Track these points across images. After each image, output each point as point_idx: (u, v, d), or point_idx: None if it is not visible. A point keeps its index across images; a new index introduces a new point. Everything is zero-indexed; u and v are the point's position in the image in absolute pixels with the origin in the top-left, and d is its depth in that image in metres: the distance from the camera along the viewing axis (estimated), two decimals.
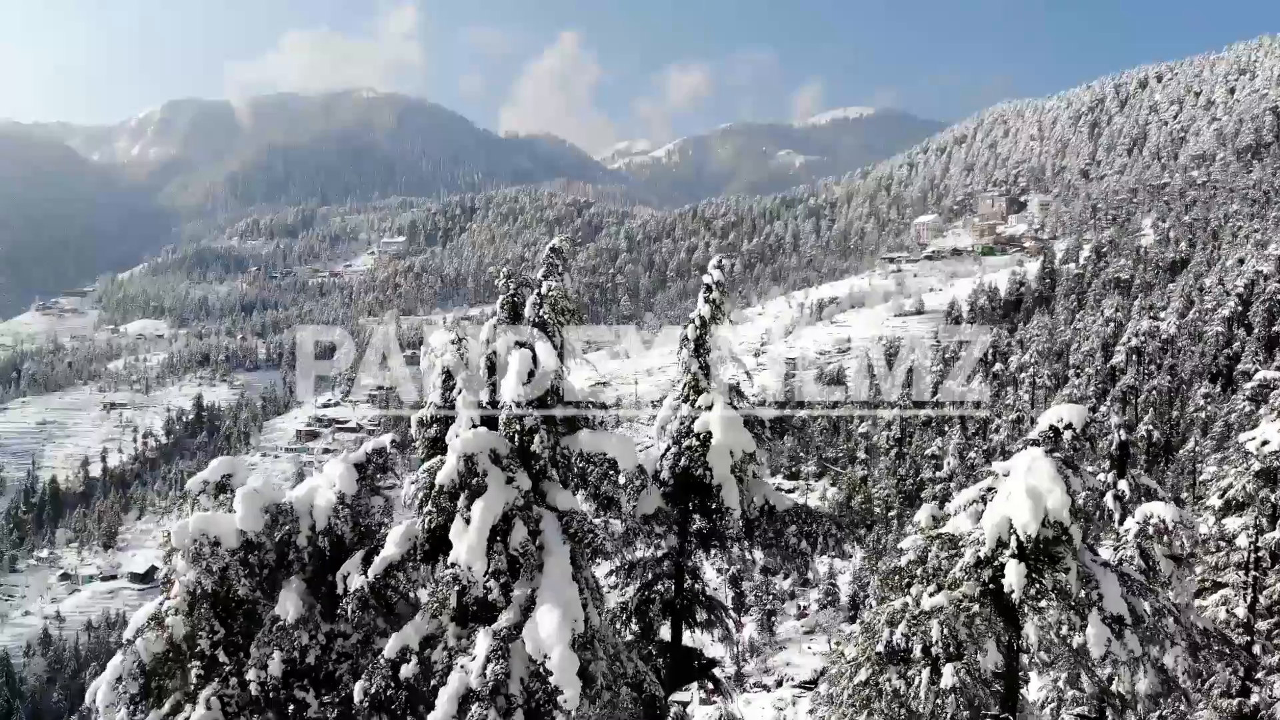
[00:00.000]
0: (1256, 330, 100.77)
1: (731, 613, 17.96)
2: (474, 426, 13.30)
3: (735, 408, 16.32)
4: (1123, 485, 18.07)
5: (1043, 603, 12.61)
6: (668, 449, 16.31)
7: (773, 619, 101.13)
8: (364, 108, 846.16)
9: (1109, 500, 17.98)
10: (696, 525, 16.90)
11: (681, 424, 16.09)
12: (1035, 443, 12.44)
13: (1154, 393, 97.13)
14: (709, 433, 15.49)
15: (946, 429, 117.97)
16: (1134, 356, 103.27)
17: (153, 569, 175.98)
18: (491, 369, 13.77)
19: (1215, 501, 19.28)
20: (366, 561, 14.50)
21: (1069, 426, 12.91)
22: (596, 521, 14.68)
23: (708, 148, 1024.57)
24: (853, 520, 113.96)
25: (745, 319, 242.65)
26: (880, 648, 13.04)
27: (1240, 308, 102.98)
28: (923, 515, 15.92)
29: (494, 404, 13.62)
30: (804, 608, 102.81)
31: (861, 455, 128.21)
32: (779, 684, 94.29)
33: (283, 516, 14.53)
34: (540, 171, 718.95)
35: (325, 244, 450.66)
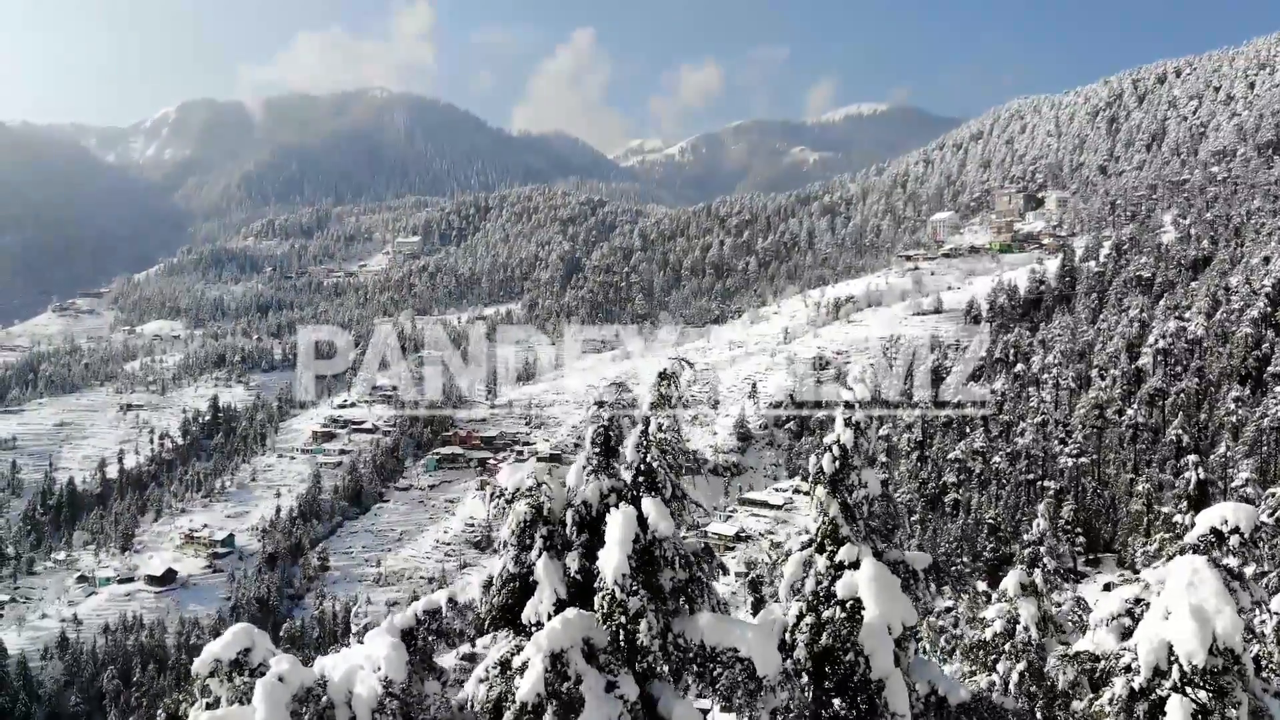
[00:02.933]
0: None
1: None
2: (558, 602, 10.80)
3: (882, 555, 12.93)
4: None
5: None
6: (800, 618, 12.81)
7: None
8: (377, 108, 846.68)
9: (1189, 540, 16.83)
10: None
11: (818, 584, 12.77)
12: (1194, 548, 10.87)
13: (1182, 395, 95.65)
14: (858, 601, 12.21)
15: (969, 430, 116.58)
16: (1161, 358, 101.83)
17: (170, 572, 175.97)
18: (581, 525, 11.28)
19: None
20: None
21: (1235, 530, 11.15)
22: None
23: (721, 145, 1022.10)
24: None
25: (761, 318, 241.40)
26: (921, 567, 11.73)
27: (1269, 307, 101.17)
28: (1010, 583, 14.68)
29: (585, 571, 11.03)
30: None
31: (882, 458, 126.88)
32: None
33: (312, 705, 11.55)
34: (553, 170, 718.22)
35: (340, 244, 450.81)
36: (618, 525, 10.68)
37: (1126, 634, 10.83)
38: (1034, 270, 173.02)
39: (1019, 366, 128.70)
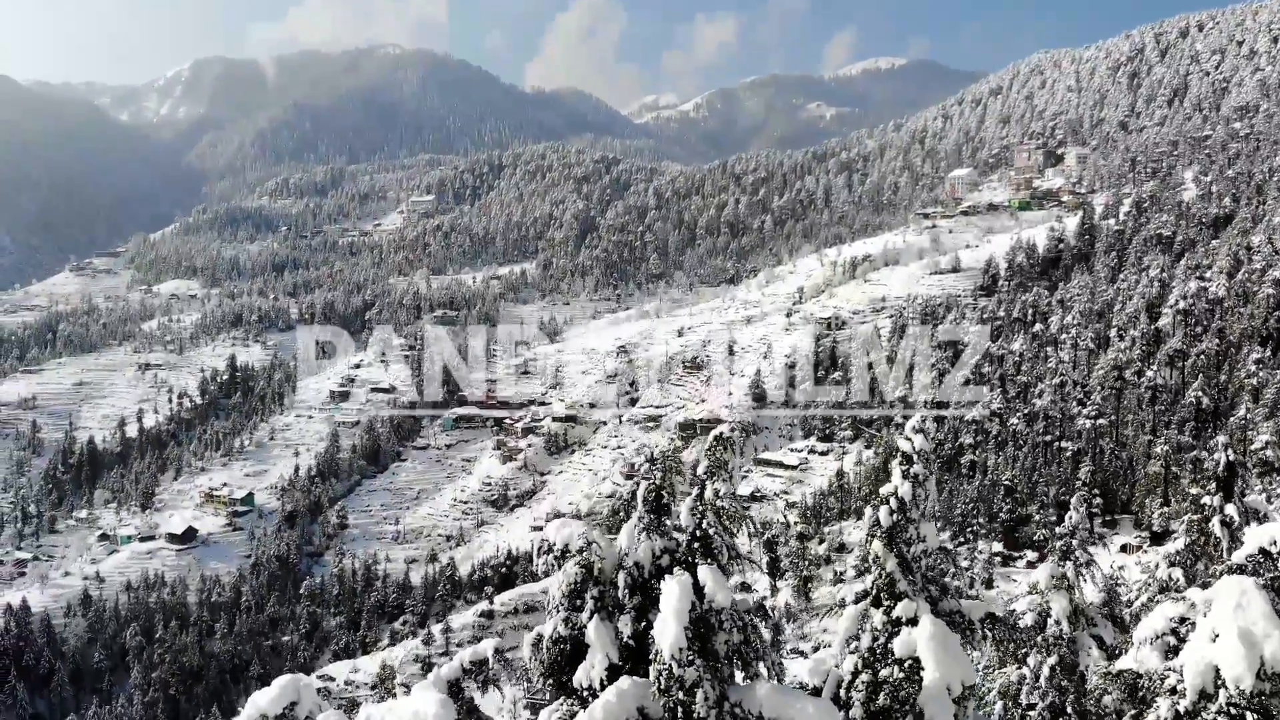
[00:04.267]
0: None
1: None
2: (610, 667, 10.56)
3: (938, 605, 12.34)
4: (1230, 510, 16.71)
5: None
6: (855, 675, 12.30)
7: (809, 585, 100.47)
8: (389, 65, 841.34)
9: (1215, 526, 16.68)
10: None
11: (874, 640, 12.17)
12: (1242, 569, 10.67)
13: (1202, 357, 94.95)
14: (916, 661, 11.65)
15: (987, 390, 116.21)
16: (1181, 319, 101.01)
17: (191, 530, 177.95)
18: (634, 588, 11.00)
19: None
20: None
21: None
22: None
23: (736, 100, 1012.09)
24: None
25: (776, 278, 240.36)
26: (978, 617, 11.58)
27: None
28: (1042, 575, 14.52)
29: (638, 636, 10.78)
30: (840, 573, 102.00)
31: (898, 419, 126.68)
32: (815, 650, 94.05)
33: None
34: (567, 127, 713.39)
35: (354, 203, 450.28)
36: (674, 597, 10.40)
37: (1170, 652, 10.63)
38: (1053, 228, 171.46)
39: (1037, 326, 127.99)
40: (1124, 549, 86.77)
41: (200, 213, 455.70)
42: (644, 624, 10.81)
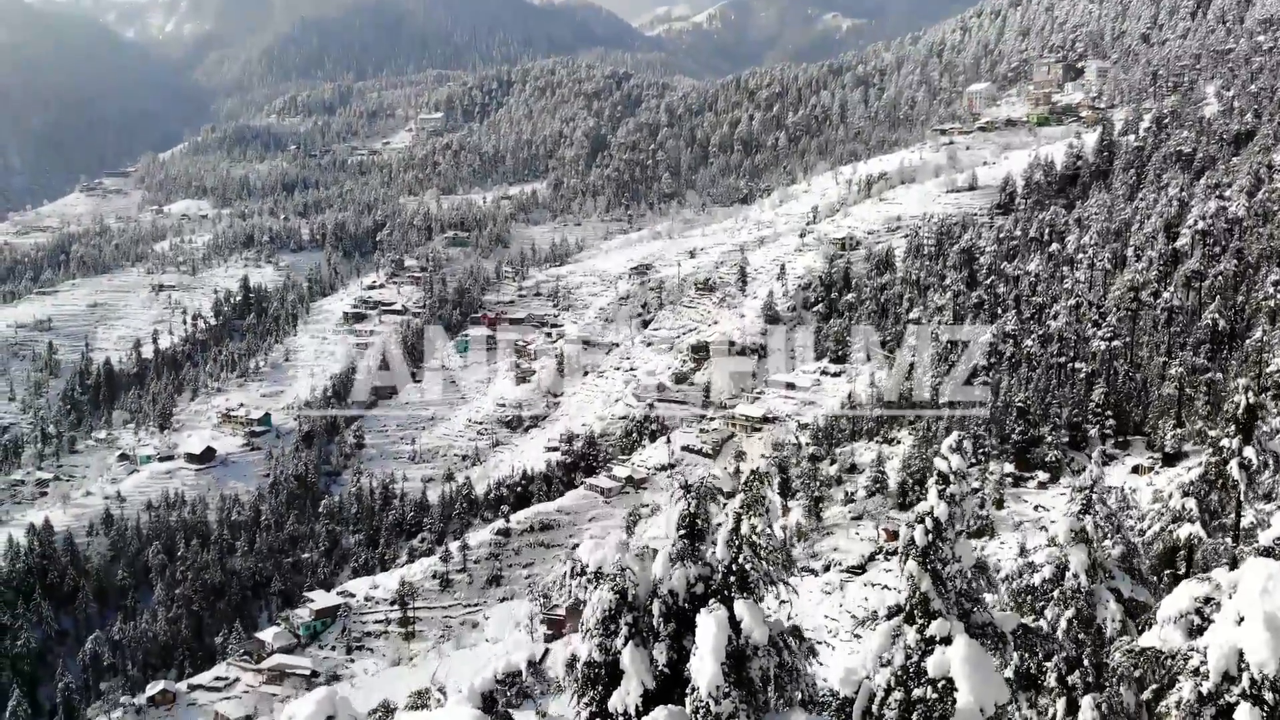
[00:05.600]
0: None
1: None
2: (645, 694, 10.49)
3: (970, 617, 12.02)
4: (1249, 452, 16.60)
5: None
6: (888, 692, 12.11)
7: (820, 505, 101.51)
8: None
9: (1233, 469, 16.60)
10: None
11: (907, 658, 11.96)
12: (1268, 552, 10.59)
13: (1219, 278, 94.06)
14: (950, 681, 11.45)
15: (1000, 313, 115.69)
16: (1199, 239, 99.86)
17: (209, 450, 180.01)
18: (668, 616, 10.89)
19: None
20: None
21: None
22: None
23: (750, 11, 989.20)
24: (899, 405, 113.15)
25: (790, 197, 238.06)
26: (1009, 672, 11.65)
27: None
28: (1060, 530, 14.49)
29: (673, 664, 10.65)
30: (851, 494, 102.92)
31: (911, 341, 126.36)
32: (826, 568, 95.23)
33: None
34: (577, 41, 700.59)
35: (363, 120, 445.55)
36: (710, 635, 10.32)
37: (1193, 632, 10.61)
38: (1071, 145, 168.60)
39: (1054, 246, 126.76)
40: (1136, 470, 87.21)
41: (209, 132, 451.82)
42: (679, 652, 10.76)
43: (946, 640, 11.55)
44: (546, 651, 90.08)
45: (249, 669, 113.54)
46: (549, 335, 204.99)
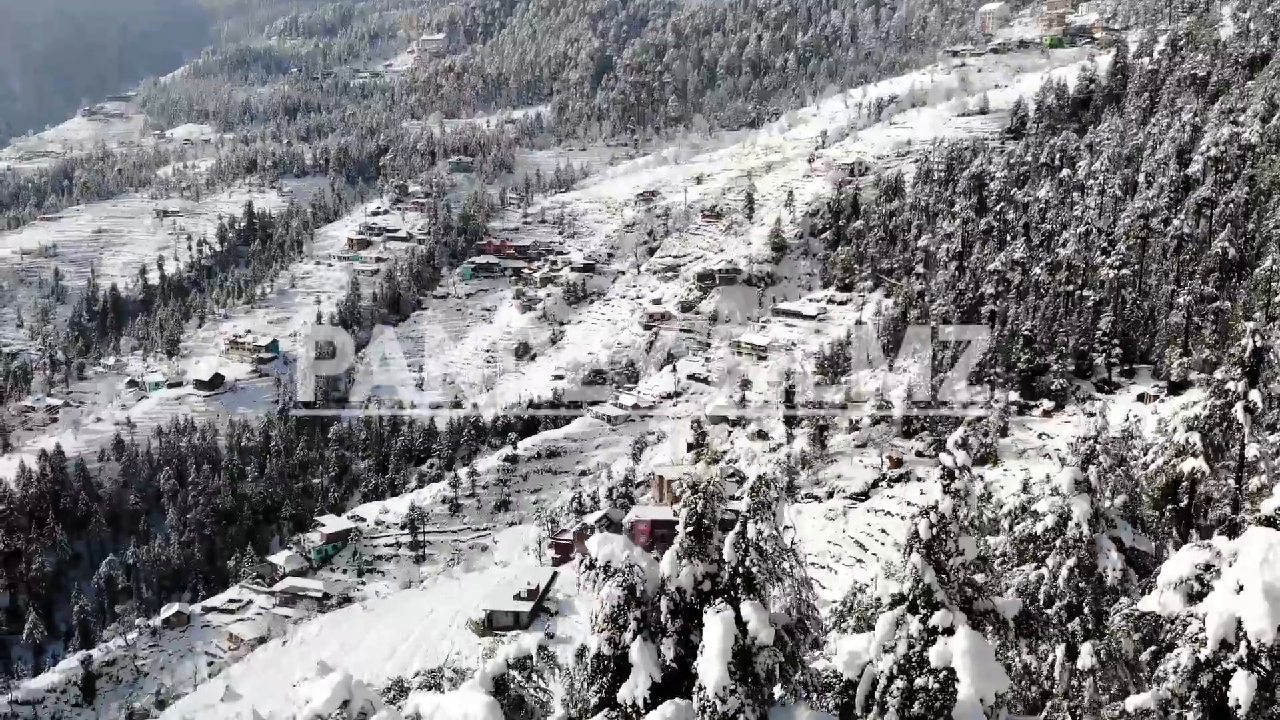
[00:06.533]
0: None
1: None
2: (653, 686, 10.82)
3: (972, 605, 12.25)
4: (1255, 396, 16.55)
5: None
6: (891, 680, 12.30)
7: (825, 433, 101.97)
8: None
9: (1238, 412, 16.58)
10: None
11: (910, 648, 12.17)
12: (1270, 521, 10.56)
13: (1231, 205, 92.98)
14: (951, 672, 11.71)
15: (1010, 239, 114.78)
16: (1212, 165, 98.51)
17: (218, 376, 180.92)
18: (675, 613, 11.18)
19: None
20: None
21: None
22: None
23: None
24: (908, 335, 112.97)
25: (799, 120, 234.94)
26: (1011, 615, 11.77)
27: None
28: (1064, 479, 14.49)
29: (680, 659, 10.98)
30: (856, 422, 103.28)
31: (919, 269, 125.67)
32: (830, 495, 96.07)
33: None
34: None
35: (364, 42, 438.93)
36: (717, 636, 10.55)
37: (1193, 598, 10.71)
38: (1084, 68, 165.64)
39: (1064, 172, 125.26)
40: (1141, 398, 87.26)
41: (209, 54, 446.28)
42: (687, 648, 11.06)
43: (949, 631, 11.82)
44: (555, 575, 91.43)
45: (262, 591, 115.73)
46: (554, 263, 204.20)
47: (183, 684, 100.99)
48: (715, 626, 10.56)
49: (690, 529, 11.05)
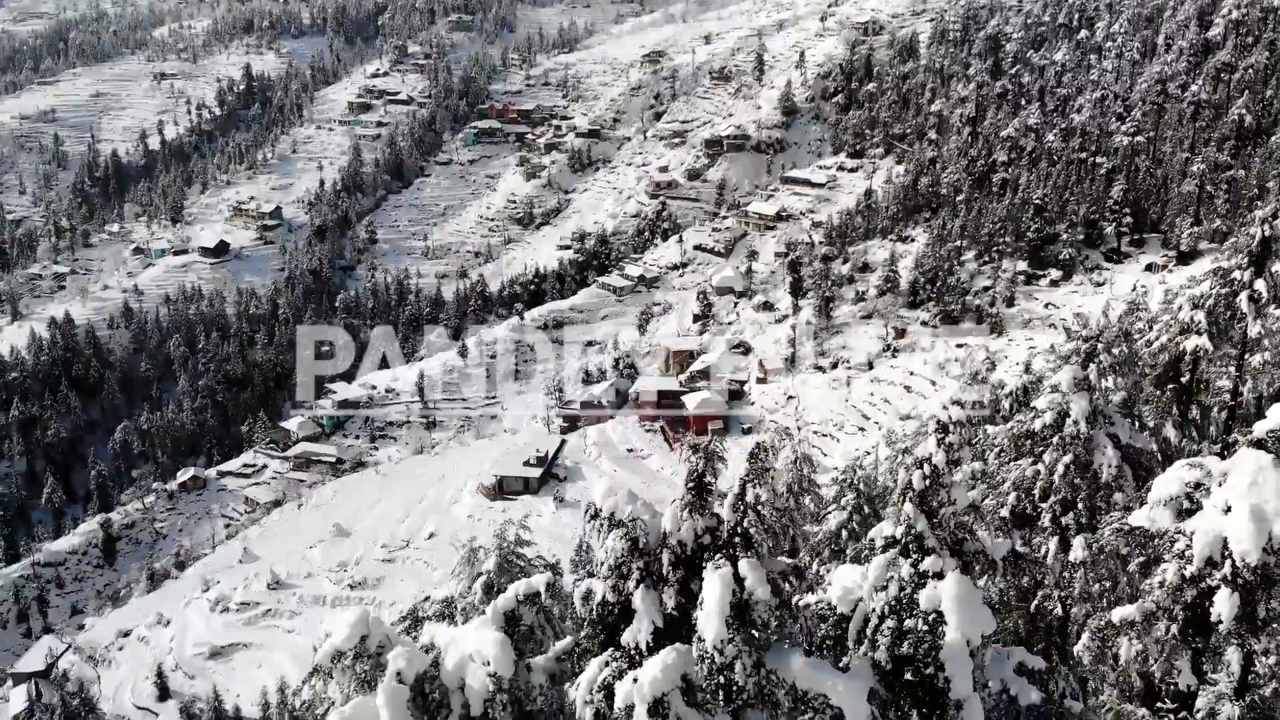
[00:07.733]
0: None
1: None
2: (656, 630, 11.49)
3: (962, 547, 12.64)
4: (1260, 285, 16.45)
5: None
6: (882, 619, 12.79)
7: (831, 304, 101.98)
8: None
9: (1242, 301, 16.53)
10: None
11: (901, 590, 12.66)
12: (1260, 444, 10.59)
13: (1250, 70, 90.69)
14: (940, 615, 12.17)
15: (1025, 104, 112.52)
16: (1233, 28, 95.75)
17: (223, 244, 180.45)
18: (676, 564, 11.74)
19: None
20: None
21: None
22: None
23: None
24: (918, 204, 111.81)
25: None
26: (1005, 512, 12.11)
27: None
28: (1064, 378, 14.54)
29: (681, 606, 11.60)
30: (862, 293, 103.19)
31: (932, 134, 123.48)
32: (834, 365, 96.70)
33: (430, 691, 12.45)
34: None
35: None
36: (715, 593, 11.03)
37: (1182, 514, 10.95)
38: None
39: (1082, 33, 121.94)
40: (1149, 268, 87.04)
41: None
42: (688, 596, 11.81)
43: (939, 575, 12.20)
44: (563, 443, 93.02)
45: (276, 456, 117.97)
46: (558, 129, 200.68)
47: (201, 545, 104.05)
48: (714, 583, 11.08)
49: (692, 486, 11.56)
